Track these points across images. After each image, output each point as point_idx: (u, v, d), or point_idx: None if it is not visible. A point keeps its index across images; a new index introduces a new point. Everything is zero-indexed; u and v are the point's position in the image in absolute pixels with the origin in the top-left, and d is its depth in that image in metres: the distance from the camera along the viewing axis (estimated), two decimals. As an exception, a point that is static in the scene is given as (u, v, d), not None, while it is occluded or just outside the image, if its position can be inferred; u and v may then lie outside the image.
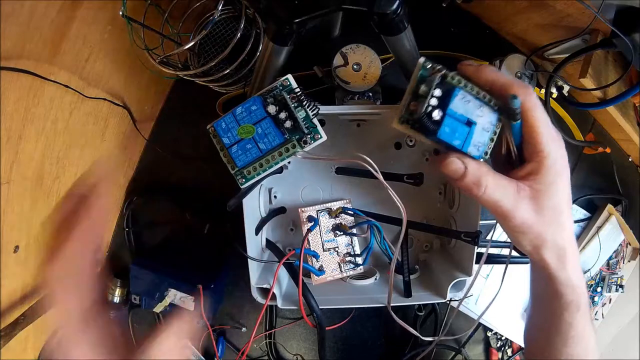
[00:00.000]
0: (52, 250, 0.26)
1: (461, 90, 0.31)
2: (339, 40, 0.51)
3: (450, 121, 0.31)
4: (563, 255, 0.33)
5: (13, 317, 0.46)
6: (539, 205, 0.31)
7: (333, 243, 0.51)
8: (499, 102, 0.32)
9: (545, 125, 0.31)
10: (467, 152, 0.32)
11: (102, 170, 0.31)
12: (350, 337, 0.62)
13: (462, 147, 0.31)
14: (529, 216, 0.31)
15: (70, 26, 0.42)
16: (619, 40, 0.42)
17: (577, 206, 0.62)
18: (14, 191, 0.43)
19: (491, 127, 0.32)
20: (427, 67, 0.32)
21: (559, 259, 0.33)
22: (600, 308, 0.63)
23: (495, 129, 0.33)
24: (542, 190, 0.31)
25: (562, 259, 0.33)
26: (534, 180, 0.31)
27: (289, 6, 0.34)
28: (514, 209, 0.31)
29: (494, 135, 0.33)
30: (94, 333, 0.27)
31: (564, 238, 0.33)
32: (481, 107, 0.32)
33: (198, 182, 0.60)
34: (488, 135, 0.32)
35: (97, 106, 0.49)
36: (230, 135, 0.37)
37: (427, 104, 0.30)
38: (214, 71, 0.48)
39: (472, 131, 0.31)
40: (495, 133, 0.33)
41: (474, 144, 0.32)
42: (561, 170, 0.32)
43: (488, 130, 0.32)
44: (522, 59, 0.52)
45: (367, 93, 0.49)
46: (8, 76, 0.38)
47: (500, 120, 0.33)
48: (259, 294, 0.46)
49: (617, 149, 0.62)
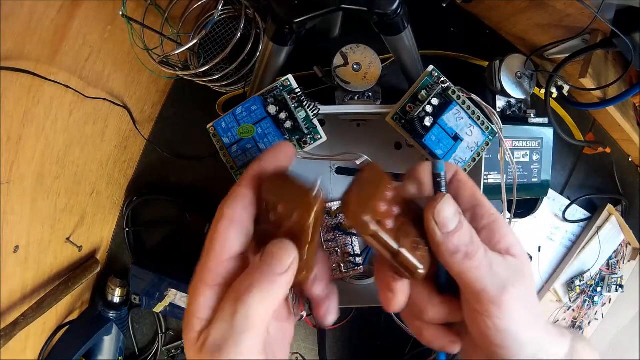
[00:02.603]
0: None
1: (457, 106, 0.32)
2: (339, 40, 0.51)
3: (439, 131, 0.32)
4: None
5: (13, 317, 0.46)
6: (531, 287, 0.25)
7: (333, 243, 0.51)
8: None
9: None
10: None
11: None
12: (350, 337, 0.62)
13: (443, 158, 0.32)
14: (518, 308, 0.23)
15: (70, 26, 0.41)
16: (619, 40, 0.42)
17: (577, 206, 0.62)
18: (14, 191, 0.43)
19: (476, 147, 0.33)
20: (433, 76, 0.33)
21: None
22: (600, 308, 0.63)
23: (480, 150, 0.34)
24: (526, 263, 0.25)
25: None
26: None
27: (289, 6, 0.34)
28: (506, 285, 0.23)
29: (476, 155, 0.34)
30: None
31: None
32: (472, 126, 0.33)
33: (198, 182, 0.60)
34: (471, 154, 0.33)
35: (97, 106, 0.49)
36: (230, 135, 0.37)
37: (422, 109, 0.31)
38: (214, 71, 0.48)
39: (456, 146, 0.32)
40: (478, 154, 0.34)
41: (455, 158, 0.33)
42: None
43: (472, 149, 0.33)
44: (522, 59, 0.52)
45: (367, 93, 0.49)
46: (8, 76, 0.38)
47: (488, 144, 0.33)
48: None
49: (617, 149, 0.62)
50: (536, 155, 0.52)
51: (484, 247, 0.24)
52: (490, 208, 0.25)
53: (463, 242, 0.23)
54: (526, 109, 0.53)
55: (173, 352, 0.62)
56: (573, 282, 0.61)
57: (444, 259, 0.24)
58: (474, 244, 0.23)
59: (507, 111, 0.53)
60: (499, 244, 0.24)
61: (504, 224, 0.25)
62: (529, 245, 0.61)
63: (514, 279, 0.23)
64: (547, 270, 0.62)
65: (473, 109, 0.33)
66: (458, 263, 0.23)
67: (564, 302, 0.62)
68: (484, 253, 0.23)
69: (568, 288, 0.62)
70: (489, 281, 0.23)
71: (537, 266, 0.61)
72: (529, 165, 0.52)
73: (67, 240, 0.53)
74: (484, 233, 0.24)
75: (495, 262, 0.23)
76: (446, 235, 0.23)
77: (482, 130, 0.33)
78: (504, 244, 0.24)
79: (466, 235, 0.23)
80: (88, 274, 0.56)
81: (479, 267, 0.23)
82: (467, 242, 0.23)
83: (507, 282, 0.23)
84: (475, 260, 0.23)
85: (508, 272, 0.23)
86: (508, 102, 0.53)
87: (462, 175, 0.26)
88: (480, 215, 0.25)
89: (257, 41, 0.49)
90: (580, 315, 0.62)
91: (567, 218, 0.61)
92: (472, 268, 0.23)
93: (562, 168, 0.62)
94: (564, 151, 0.61)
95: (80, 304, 0.60)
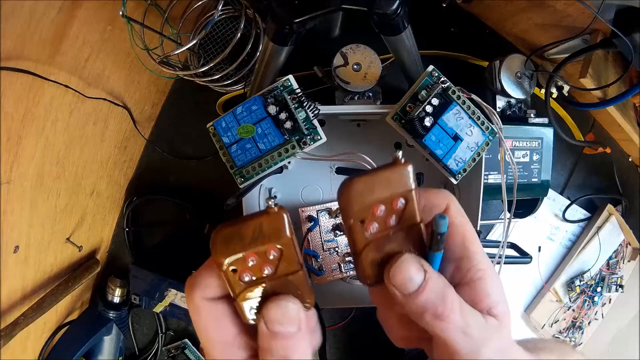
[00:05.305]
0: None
1: (457, 106, 0.32)
2: (339, 40, 0.51)
3: (439, 131, 0.32)
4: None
5: (13, 317, 0.46)
6: (508, 342, 0.23)
7: (333, 243, 0.51)
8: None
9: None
10: (447, 164, 0.32)
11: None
12: (351, 337, 0.62)
13: (443, 159, 0.32)
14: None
15: (70, 26, 0.41)
16: (619, 40, 0.42)
17: (577, 206, 0.62)
18: (14, 191, 0.43)
19: (476, 147, 0.33)
20: (433, 76, 0.33)
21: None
22: (600, 308, 0.63)
23: (480, 150, 0.33)
24: (506, 322, 0.23)
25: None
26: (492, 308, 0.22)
27: (289, 6, 0.34)
28: (480, 347, 0.21)
29: (476, 156, 0.34)
30: None
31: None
32: (472, 126, 0.32)
33: (198, 182, 0.60)
34: (471, 154, 0.33)
35: (97, 106, 0.49)
36: (230, 134, 0.37)
37: (422, 109, 0.31)
38: (214, 71, 0.48)
39: (456, 146, 0.32)
40: (478, 154, 0.34)
41: (455, 158, 0.33)
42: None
43: (472, 149, 0.33)
44: (522, 59, 0.52)
45: (367, 93, 0.49)
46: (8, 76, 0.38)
47: (488, 144, 0.33)
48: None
49: (617, 149, 0.62)
50: (536, 155, 0.52)
51: (459, 306, 0.21)
52: (480, 262, 0.23)
53: (430, 301, 0.21)
54: (526, 109, 0.53)
55: (173, 352, 0.62)
56: (573, 282, 0.61)
57: (415, 319, 0.22)
58: (445, 304, 0.21)
59: (507, 111, 0.53)
60: (481, 303, 0.22)
61: (491, 281, 0.22)
62: (529, 245, 0.61)
63: (490, 337, 0.21)
64: (547, 270, 0.63)
65: (473, 109, 0.33)
66: (426, 323, 0.21)
67: (564, 302, 0.62)
68: (459, 315, 0.21)
69: (568, 288, 0.62)
70: (462, 345, 0.21)
71: (537, 266, 0.61)
72: (529, 165, 0.52)
73: (67, 240, 0.53)
74: (466, 289, 0.22)
75: (471, 323, 0.21)
76: (408, 297, 0.21)
77: (482, 130, 0.33)
78: (486, 303, 0.22)
79: (433, 293, 0.21)
80: (88, 274, 0.56)
81: (452, 329, 0.21)
82: (436, 301, 0.21)
83: (482, 344, 0.21)
84: (447, 322, 0.21)
85: (484, 332, 0.21)
86: (508, 102, 0.53)
87: (456, 218, 0.23)
88: (466, 269, 0.22)
89: (257, 41, 0.49)
90: (580, 315, 0.62)
91: (567, 218, 0.61)
92: (444, 330, 0.21)
93: (562, 168, 0.62)
94: (564, 151, 0.61)
95: (80, 304, 0.60)
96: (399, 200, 0.21)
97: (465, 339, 0.21)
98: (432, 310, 0.21)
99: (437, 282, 0.21)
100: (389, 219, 0.22)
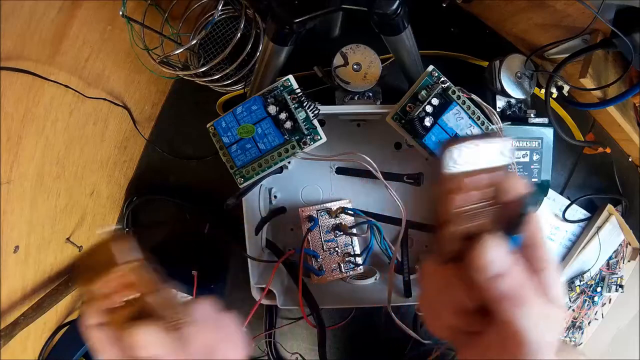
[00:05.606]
0: None
1: (457, 106, 0.32)
2: (339, 40, 0.51)
3: (439, 131, 0.32)
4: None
5: (13, 317, 0.46)
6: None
7: (333, 243, 0.51)
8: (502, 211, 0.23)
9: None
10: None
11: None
12: (351, 337, 0.62)
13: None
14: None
15: (70, 26, 0.42)
16: (619, 40, 0.42)
17: (577, 206, 0.62)
18: (14, 191, 0.43)
19: None
20: (433, 76, 0.33)
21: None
22: (600, 308, 0.63)
23: None
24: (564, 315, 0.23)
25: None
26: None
27: (289, 6, 0.34)
28: (538, 346, 0.21)
29: None
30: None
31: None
32: (472, 127, 0.32)
33: (198, 182, 0.60)
34: None
35: (97, 106, 0.49)
36: (230, 134, 0.37)
37: (422, 109, 0.31)
38: (214, 71, 0.48)
39: None
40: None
41: None
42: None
43: None
44: (522, 59, 0.52)
45: (367, 93, 0.49)
46: (8, 76, 0.38)
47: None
48: (259, 294, 0.46)
49: (617, 149, 0.62)
50: (536, 155, 0.52)
51: (539, 296, 0.21)
52: (546, 252, 0.23)
53: (513, 288, 0.20)
54: (526, 109, 0.53)
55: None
56: (573, 282, 0.61)
57: (489, 304, 0.21)
58: (528, 292, 0.20)
59: (507, 111, 0.53)
60: (549, 293, 0.22)
61: (556, 273, 0.22)
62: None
63: (554, 330, 0.21)
64: (547, 270, 0.62)
65: (473, 109, 0.33)
66: (503, 309, 0.20)
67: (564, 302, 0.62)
68: (539, 305, 0.20)
69: (568, 288, 0.62)
70: (534, 335, 0.20)
71: (537, 266, 0.61)
72: (529, 165, 0.52)
73: (67, 240, 0.53)
74: (535, 278, 0.22)
75: (550, 313, 0.21)
76: (489, 280, 0.20)
77: (482, 130, 0.33)
78: (553, 293, 0.22)
79: (517, 280, 0.20)
80: (88, 274, 0.56)
81: (530, 316, 0.20)
82: (519, 288, 0.20)
83: (548, 335, 0.21)
84: (527, 307, 0.20)
85: (551, 324, 0.21)
86: (508, 102, 0.53)
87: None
88: (535, 258, 0.22)
89: (257, 41, 0.49)
90: (580, 315, 0.62)
91: (567, 218, 0.61)
92: (522, 317, 0.20)
93: (562, 168, 0.62)
94: (564, 151, 0.61)
95: (81, 304, 0.60)
96: (493, 174, 0.20)
97: (539, 330, 0.20)
98: (513, 296, 0.20)
99: (522, 269, 0.21)
100: (479, 195, 0.21)
